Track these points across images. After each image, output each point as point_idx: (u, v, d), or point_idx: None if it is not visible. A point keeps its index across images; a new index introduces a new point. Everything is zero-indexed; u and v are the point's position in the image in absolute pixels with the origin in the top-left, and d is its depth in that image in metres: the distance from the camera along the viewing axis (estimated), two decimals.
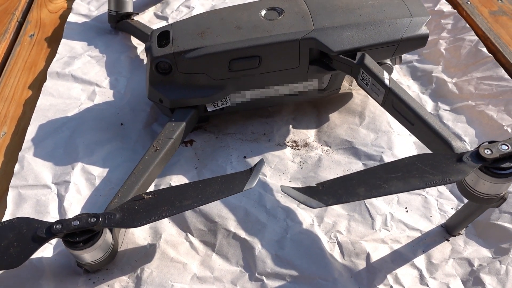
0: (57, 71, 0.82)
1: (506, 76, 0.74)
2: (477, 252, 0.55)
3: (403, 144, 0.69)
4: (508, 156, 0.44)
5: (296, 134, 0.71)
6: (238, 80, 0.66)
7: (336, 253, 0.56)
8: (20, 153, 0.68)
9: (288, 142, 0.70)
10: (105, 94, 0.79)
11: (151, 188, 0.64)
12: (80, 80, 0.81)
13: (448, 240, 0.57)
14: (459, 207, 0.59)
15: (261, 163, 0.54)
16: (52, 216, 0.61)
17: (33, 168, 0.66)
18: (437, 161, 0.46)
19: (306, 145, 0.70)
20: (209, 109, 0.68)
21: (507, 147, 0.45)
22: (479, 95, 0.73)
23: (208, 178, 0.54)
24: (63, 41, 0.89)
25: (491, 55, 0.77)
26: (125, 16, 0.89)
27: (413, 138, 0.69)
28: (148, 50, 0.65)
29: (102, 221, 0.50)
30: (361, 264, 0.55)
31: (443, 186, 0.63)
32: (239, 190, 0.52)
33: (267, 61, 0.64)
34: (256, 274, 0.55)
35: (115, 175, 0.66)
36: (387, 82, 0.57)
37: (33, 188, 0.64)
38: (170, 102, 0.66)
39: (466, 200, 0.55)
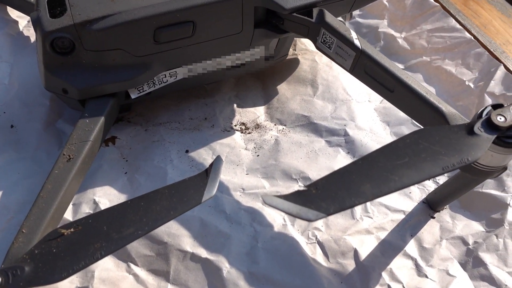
0: None
1: (458, 26, 0.68)
2: (468, 227, 0.50)
3: (365, 112, 0.60)
4: None
5: (243, 115, 0.59)
6: (167, 55, 0.51)
7: (319, 256, 0.47)
8: None
9: (235, 126, 0.58)
10: None
11: (69, 213, 0.48)
12: None
13: (434, 217, 0.51)
14: (442, 180, 0.52)
15: (218, 161, 0.42)
16: None
17: None
18: (445, 137, 0.37)
19: (258, 126, 0.58)
20: (132, 96, 0.52)
21: None
22: (433, 49, 0.67)
23: (151, 192, 0.40)
24: None
25: (438, 4, 0.71)
26: None
27: (374, 105, 0.61)
28: (36, 23, 0.47)
29: (5, 281, 0.34)
30: (350, 265, 0.46)
31: None
32: (196, 203, 0.39)
33: (203, 27, 0.50)
34: None
35: (12, 199, 0.49)
36: (357, 43, 0.47)
37: None
38: (78, 92, 0.49)
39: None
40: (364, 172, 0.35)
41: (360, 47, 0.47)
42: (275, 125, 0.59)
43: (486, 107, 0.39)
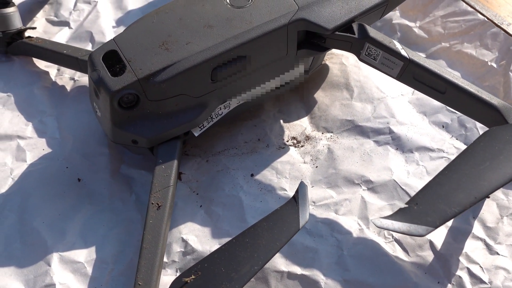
0: None
1: (469, 8, 0.71)
2: None
3: (402, 107, 0.64)
4: None
5: (291, 129, 0.62)
6: (222, 90, 0.53)
7: (400, 253, 0.51)
8: None
9: (288, 142, 0.61)
10: (36, 147, 0.60)
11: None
12: None
13: (489, 197, 0.55)
14: None
15: (303, 186, 0.45)
16: None
17: None
18: (505, 140, 0.41)
19: (307, 138, 0.61)
20: (196, 134, 0.55)
21: None
22: (450, 35, 0.70)
23: (251, 228, 0.44)
24: None
25: None
26: (16, 35, 0.68)
27: (407, 98, 0.65)
28: (99, 83, 0.49)
29: None
30: (429, 256, 0.51)
31: (455, 139, 0.60)
32: (295, 229, 0.43)
33: (255, 59, 0.52)
34: None
35: (107, 252, 0.51)
36: (404, 53, 0.50)
37: None
38: (147, 141, 0.51)
39: None
40: (454, 182, 0.39)
41: (408, 57, 0.50)
42: (322, 133, 0.62)
43: None
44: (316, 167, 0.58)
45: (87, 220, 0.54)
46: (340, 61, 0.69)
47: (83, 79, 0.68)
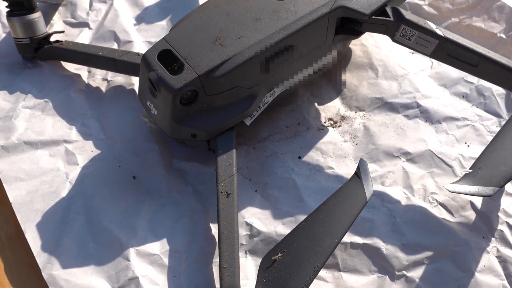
0: (1, 145, 0.60)
1: None
2: None
3: (424, 81, 0.68)
4: None
5: (326, 111, 0.66)
6: (269, 79, 0.56)
7: (445, 215, 0.56)
8: (43, 274, 0.50)
9: (325, 123, 0.65)
10: (85, 149, 0.61)
11: None
12: (40, 144, 0.61)
13: None
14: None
15: (363, 162, 0.49)
16: None
17: (76, 284, 0.50)
18: None
19: (343, 118, 0.65)
20: (248, 123, 0.58)
21: None
22: (459, 10, 0.75)
23: (322, 205, 0.47)
24: None
25: None
26: (43, 40, 0.68)
27: (427, 72, 0.69)
28: (159, 82, 0.50)
29: None
30: (472, 215, 0.56)
31: (475, 107, 0.65)
32: (364, 202, 0.47)
33: (301, 47, 0.55)
34: (396, 272, 0.52)
35: (178, 242, 0.54)
36: (439, 32, 0.54)
37: None
38: (206, 134, 0.54)
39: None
40: (507, 146, 0.43)
41: (443, 35, 0.54)
42: (355, 112, 0.66)
43: None
44: (356, 144, 0.63)
45: (152, 215, 0.56)
46: (360, 42, 0.73)
47: (117, 79, 0.69)
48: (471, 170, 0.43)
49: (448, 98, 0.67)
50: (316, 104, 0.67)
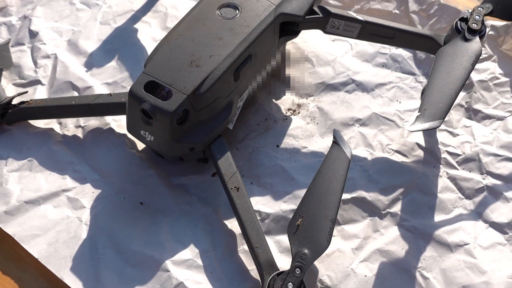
0: (4, 211, 0.62)
1: None
2: None
3: (350, 61, 0.82)
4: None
5: (284, 103, 0.77)
6: (239, 86, 0.66)
7: (403, 158, 0.70)
8: None
9: (287, 113, 0.76)
10: (86, 193, 0.66)
11: None
12: (41, 200, 0.64)
13: None
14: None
15: (337, 132, 0.61)
16: None
17: None
18: (456, 49, 0.62)
19: (299, 106, 0.77)
20: (231, 127, 0.66)
21: (479, 17, 0.64)
22: None
23: (317, 173, 0.58)
24: None
25: None
26: (8, 105, 0.70)
27: (350, 53, 0.84)
28: (154, 109, 0.57)
29: (304, 267, 0.50)
30: (421, 153, 0.71)
31: (394, 72, 0.81)
32: (348, 160, 0.58)
33: (258, 54, 0.65)
34: (382, 212, 0.65)
35: (203, 243, 0.61)
36: (360, 18, 0.68)
37: None
38: (202, 144, 0.62)
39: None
40: (438, 87, 0.58)
41: (363, 19, 0.68)
42: (307, 99, 0.78)
43: (456, 22, 0.65)
44: (317, 123, 0.74)
45: (172, 228, 0.62)
46: (292, 41, 0.85)
47: (90, 123, 0.73)
48: (419, 113, 0.56)
49: (372, 69, 0.82)
50: (273, 100, 0.77)
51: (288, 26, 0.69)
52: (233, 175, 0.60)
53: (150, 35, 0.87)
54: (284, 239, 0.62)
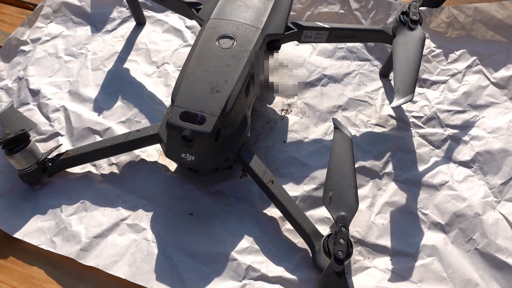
0: (80, 249, 0.71)
1: None
2: None
3: (316, 59, 0.99)
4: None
5: (277, 106, 0.92)
6: (248, 100, 0.79)
7: (382, 129, 0.88)
8: None
9: (282, 113, 0.91)
10: (141, 217, 0.76)
11: None
12: (106, 232, 0.74)
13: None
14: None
15: (335, 119, 0.77)
16: None
17: None
18: (406, 41, 0.80)
19: (289, 105, 0.92)
20: (249, 135, 0.80)
21: (415, 9, 0.83)
22: (307, 6, 1.08)
23: (331, 155, 0.73)
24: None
25: None
26: (48, 159, 0.78)
27: (315, 53, 1.01)
28: (195, 134, 0.69)
29: (347, 225, 0.66)
30: (394, 122, 0.89)
31: (354, 61, 0.99)
32: (350, 140, 0.75)
33: (256, 71, 0.79)
34: (379, 173, 0.82)
35: (254, 231, 0.74)
36: (326, 25, 0.84)
37: None
38: (234, 154, 0.75)
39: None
40: (402, 69, 0.76)
41: (329, 27, 0.84)
42: (293, 98, 0.93)
43: (397, 15, 0.84)
44: (308, 116, 0.90)
45: (224, 227, 0.75)
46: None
47: (121, 159, 0.83)
48: (394, 93, 0.74)
49: (336, 63, 0.99)
50: (267, 105, 0.92)
51: (272, 43, 0.84)
52: (265, 171, 0.74)
53: (140, 71, 0.97)
54: (313, 213, 0.77)
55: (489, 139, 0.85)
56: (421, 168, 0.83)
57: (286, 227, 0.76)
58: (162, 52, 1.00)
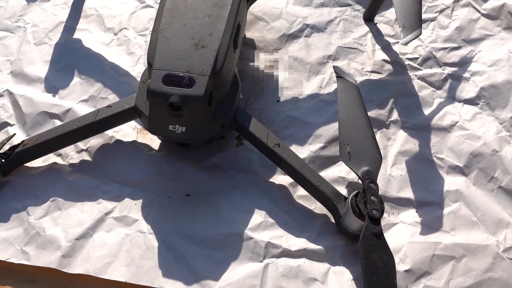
0: (61, 255, 0.58)
1: None
2: None
3: (295, 8, 0.89)
4: None
5: (262, 63, 0.81)
6: (237, 55, 0.68)
7: (379, 75, 0.81)
8: None
9: (269, 70, 0.81)
10: (129, 207, 0.64)
11: None
12: (90, 232, 0.61)
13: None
14: None
15: (336, 67, 0.69)
16: None
17: (234, 281, 0.57)
18: None
19: (276, 61, 0.82)
20: (241, 96, 0.69)
21: None
22: None
23: (339, 106, 0.65)
24: None
25: None
26: (1, 154, 0.63)
27: (291, 2, 0.91)
28: (185, 99, 0.58)
29: (375, 180, 0.58)
30: (390, 67, 0.82)
31: (333, 7, 0.90)
32: (356, 86, 0.67)
33: (241, 22, 0.68)
34: (386, 122, 0.75)
35: (264, 204, 0.65)
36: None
37: None
38: (230, 119, 0.64)
39: None
40: (404, 8, 0.68)
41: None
42: (277, 51, 0.83)
43: None
44: (299, 70, 0.81)
45: (230, 204, 0.64)
46: None
47: (92, 143, 0.70)
48: (400, 28, 0.66)
49: (315, 11, 0.90)
50: (250, 63, 0.81)
51: None
52: (268, 134, 0.65)
53: (95, 40, 0.83)
54: (325, 175, 0.69)
55: (491, 72, 0.80)
56: (426, 111, 0.77)
57: (298, 194, 0.67)
58: (117, 17, 0.85)
